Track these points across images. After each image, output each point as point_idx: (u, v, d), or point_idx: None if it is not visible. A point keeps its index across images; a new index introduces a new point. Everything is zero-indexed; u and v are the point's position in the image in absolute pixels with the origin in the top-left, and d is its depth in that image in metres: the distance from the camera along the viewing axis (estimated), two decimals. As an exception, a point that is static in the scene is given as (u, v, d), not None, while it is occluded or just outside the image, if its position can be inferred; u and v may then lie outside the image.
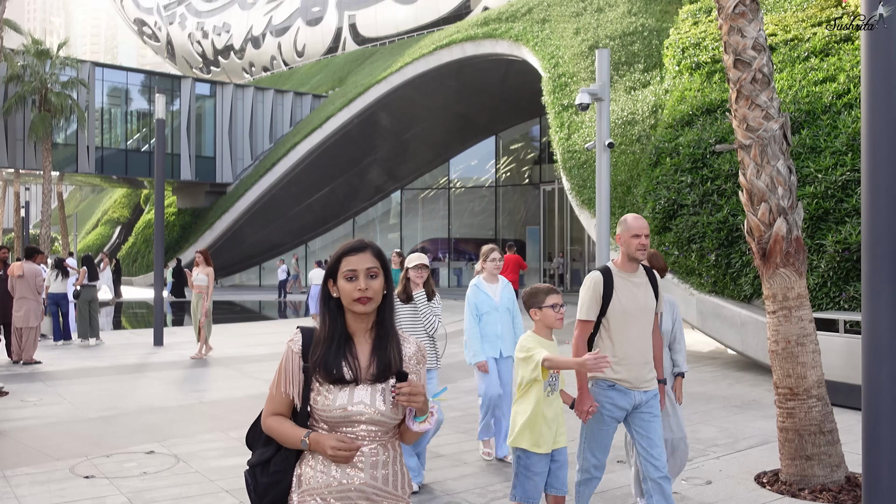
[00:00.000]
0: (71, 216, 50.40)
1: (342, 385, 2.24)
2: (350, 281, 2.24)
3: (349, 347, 2.29)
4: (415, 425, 2.25)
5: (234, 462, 6.02)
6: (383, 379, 2.26)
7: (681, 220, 11.33)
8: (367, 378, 2.25)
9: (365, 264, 2.25)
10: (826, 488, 5.15)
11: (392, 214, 36.67)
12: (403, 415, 2.28)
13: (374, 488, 2.25)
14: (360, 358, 2.28)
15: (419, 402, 2.19)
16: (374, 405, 2.24)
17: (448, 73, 27.30)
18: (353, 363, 2.26)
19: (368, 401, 2.23)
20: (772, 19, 14.20)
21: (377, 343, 2.30)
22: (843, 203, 9.38)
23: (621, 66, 17.70)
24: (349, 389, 2.24)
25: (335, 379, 2.23)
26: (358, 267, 2.25)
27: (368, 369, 2.26)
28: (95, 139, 32.82)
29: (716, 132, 11.70)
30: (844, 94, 10.78)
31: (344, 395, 2.23)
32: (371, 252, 2.28)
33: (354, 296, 2.23)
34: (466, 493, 5.25)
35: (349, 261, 2.26)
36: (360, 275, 2.24)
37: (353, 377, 2.25)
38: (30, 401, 8.60)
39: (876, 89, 4.02)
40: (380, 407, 2.24)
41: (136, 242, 38.53)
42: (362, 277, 2.24)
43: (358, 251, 2.27)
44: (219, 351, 12.96)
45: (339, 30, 43.62)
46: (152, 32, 56.27)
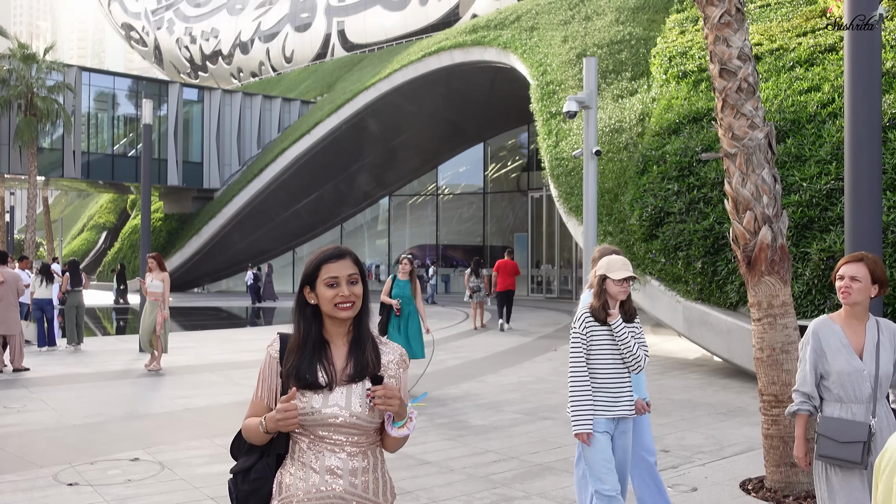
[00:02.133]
0: (56, 221, 50.06)
1: (317, 389, 2.25)
2: (331, 287, 2.26)
3: (324, 352, 2.30)
4: (393, 430, 2.24)
5: (219, 469, 5.99)
6: (359, 380, 2.27)
7: (667, 227, 11.38)
8: (343, 380, 2.26)
9: (346, 271, 2.28)
10: (810, 495, 5.19)
11: (380, 221, 36.66)
12: (382, 419, 2.28)
13: (353, 495, 2.25)
14: (337, 361, 2.30)
15: (394, 406, 2.19)
16: (350, 408, 2.24)
17: (437, 79, 27.36)
18: (328, 368, 2.27)
19: (343, 403, 2.24)
20: (757, 29, 14.32)
21: (354, 346, 2.31)
22: (827, 211, 9.45)
23: (609, 74, 17.80)
24: (324, 393, 2.25)
25: (308, 384, 2.24)
26: (339, 274, 2.27)
27: (344, 371, 2.27)
28: (82, 144, 32.67)
29: (702, 140, 11.77)
30: (829, 103, 10.88)
31: (318, 399, 2.24)
32: (350, 259, 2.31)
33: (337, 301, 2.25)
34: (453, 501, 5.25)
35: (329, 268, 2.28)
36: (341, 281, 2.26)
37: (328, 381, 2.25)
38: (13, 407, 8.53)
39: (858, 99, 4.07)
40: (355, 409, 2.24)
41: (122, 248, 38.32)
42: (344, 284, 2.26)
43: (338, 258, 2.30)
44: (205, 357, 12.91)
45: (328, 36, 43.64)
46: (140, 37, 56.09)
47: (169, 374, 11.03)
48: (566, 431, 7.02)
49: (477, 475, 5.88)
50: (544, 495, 5.36)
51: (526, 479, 5.76)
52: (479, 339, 15.36)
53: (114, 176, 34.11)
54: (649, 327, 16.57)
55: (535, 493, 5.41)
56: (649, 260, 11.86)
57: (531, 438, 7.09)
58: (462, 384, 10.09)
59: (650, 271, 11.86)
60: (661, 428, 7.34)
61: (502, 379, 10.53)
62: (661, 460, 6.22)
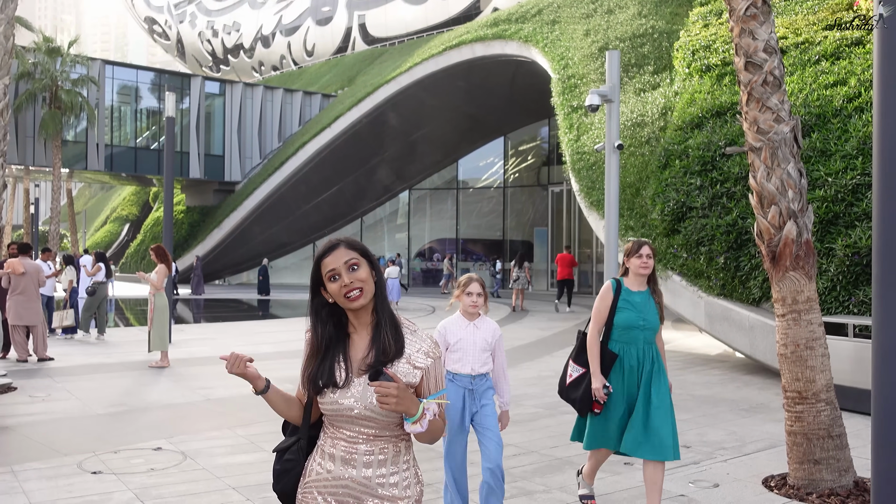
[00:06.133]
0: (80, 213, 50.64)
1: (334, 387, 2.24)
2: (334, 281, 2.23)
3: (343, 348, 2.28)
4: (406, 426, 2.17)
5: (240, 459, 6.03)
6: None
7: (689, 222, 11.29)
8: (361, 370, 2.22)
9: (341, 259, 2.23)
10: (834, 493, 5.13)
11: (400, 214, 36.68)
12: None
13: (361, 486, 2.23)
14: (358, 352, 2.26)
15: (391, 404, 2.10)
16: (364, 400, 2.20)
17: (457, 73, 27.30)
18: (344, 363, 2.25)
19: (359, 395, 2.20)
20: (782, 22, 14.15)
21: (374, 333, 2.26)
22: (853, 207, 9.33)
23: (631, 67, 17.67)
24: (344, 385, 2.24)
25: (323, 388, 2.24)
26: (336, 265, 2.23)
27: (365, 360, 2.24)
28: (105, 137, 32.96)
29: (725, 135, 11.66)
30: (855, 97, 10.73)
31: (337, 391, 2.23)
32: (344, 246, 2.26)
33: (344, 292, 2.21)
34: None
35: (326, 263, 2.25)
36: (341, 271, 2.22)
37: (344, 378, 2.23)
38: (38, 396, 8.64)
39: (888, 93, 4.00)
40: (369, 402, 2.19)
41: (144, 240, 38.66)
42: (344, 273, 2.22)
43: (331, 250, 2.26)
44: (225, 349, 13.00)
45: (349, 29, 43.67)
46: (162, 31, 56.45)
47: (189, 366, 11.11)
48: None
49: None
50: (564, 489, 5.35)
51: (546, 472, 5.75)
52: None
53: (136, 168, 34.39)
54: (671, 322, 16.48)
55: (555, 487, 5.40)
56: (671, 255, 11.78)
57: (551, 433, 7.08)
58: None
59: (672, 266, 11.79)
60: (683, 424, 7.30)
61: (522, 373, 10.52)
62: (683, 456, 6.19)
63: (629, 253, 4.68)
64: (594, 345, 4.63)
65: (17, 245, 11.64)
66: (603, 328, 4.68)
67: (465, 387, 4.52)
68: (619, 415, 4.56)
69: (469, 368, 4.51)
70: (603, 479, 5.57)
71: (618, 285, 4.70)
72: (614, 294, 4.65)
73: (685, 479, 5.58)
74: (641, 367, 4.55)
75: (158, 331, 10.83)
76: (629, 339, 4.59)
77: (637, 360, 4.56)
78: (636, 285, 4.69)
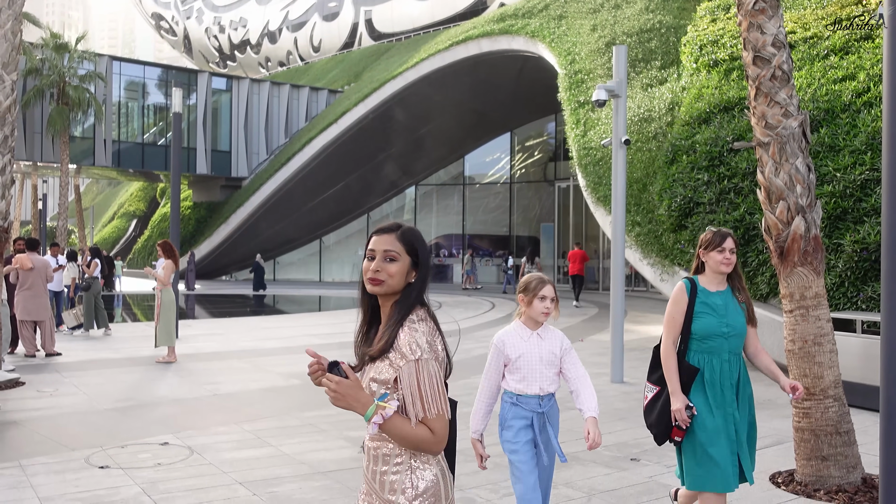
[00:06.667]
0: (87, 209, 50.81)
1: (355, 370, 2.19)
2: (370, 260, 2.19)
3: (370, 331, 2.27)
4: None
5: (247, 455, 6.04)
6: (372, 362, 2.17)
7: (697, 218, 11.26)
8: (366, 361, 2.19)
9: (384, 246, 2.17)
10: (842, 489, 5.11)
11: (406, 210, 36.70)
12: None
13: (372, 481, 2.19)
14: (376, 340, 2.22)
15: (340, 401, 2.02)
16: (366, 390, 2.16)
17: (464, 69, 27.27)
18: (361, 348, 2.24)
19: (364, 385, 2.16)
20: (791, 17, 14.08)
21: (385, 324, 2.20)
22: (861, 202, 9.29)
23: (638, 62, 17.62)
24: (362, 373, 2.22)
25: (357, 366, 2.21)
26: (376, 248, 2.18)
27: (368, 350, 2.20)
28: (112, 132, 33.06)
29: (733, 130, 11.62)
30: (864, 92, 10.67)
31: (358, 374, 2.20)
32: (396, 235, 2.19)
33: (367, 275, 2.17)
34: (479, 489, 5.25)
35: (373, 240, 2.21)
36: (377, 255, 2.17)
37: (359, 363, 2.21)
38: (46, 391, 8.67)
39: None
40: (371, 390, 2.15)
41: (151, 236, 38.79)
42: (379, 258, 2.17)
43: (383, 232, 2.21)
44: (232, 344, 13.03)
45: (356, 25, 43.67)
46: (169, 27, 56.56)
47: (197, 361, 11.14)
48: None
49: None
50: (571, 485, 5.34)
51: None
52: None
53: (144, 164, 34.50)
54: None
55: (562, 482, 5.39)
56: (678, 250, 11.75)
57: (557, 428, 7.06)
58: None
59: (679, 262, 11.75)
60: (689, 420, 7.28)
61: (528, 369, 10.49)
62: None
63: (708, 245, 3.94)
64: (670, 358, 3.86)
65: (25, 241, 11.67)
66: (678, 338, 3.91)
67: (533, 410, 3.78)
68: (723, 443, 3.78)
69: (537, 388, 3.77)
70: (609, 474, 5.56)
71: (692, 286, 3.92)
72: (689, 297, 3.89)
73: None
74: (728, 382, 3.84)
75: (165, 326, 10.83)
76: (711, 350, 3.84)
77: (722, 374, 3.83)
78: (714, 284, 3.93)
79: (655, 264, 12.47)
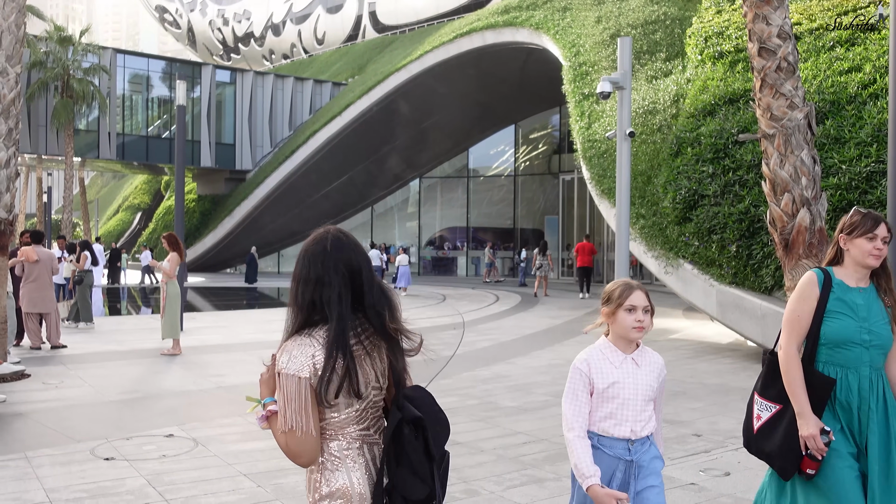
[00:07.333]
0: (92, 202, 50.93)
1: None
2: None
3: None
4: None
5: (252, 446, 6.06)
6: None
7: (701, 210, 11.23)
8: None
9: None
10: (846, 482, 5.09)
11: (410, 203, 36.67)
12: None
13: None
14: None
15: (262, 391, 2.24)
16: None
17: (468, 61, 27.20)
18: None
19: None
20: (797, 8, 14.00)
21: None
22: (867, 195, 9.25)
23: (643, 54, 17.55)
24: None
25: None
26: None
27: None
28: (117, 125, 33.08)
29: (738, 122, 11.58)
30: (870, 84, 10.62)
31: None
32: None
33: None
34: (483, 481, 5.26)
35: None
36: None
37: None
38: (51, 383, 8.71)
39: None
40: None
41: (156, 228, 38.84)
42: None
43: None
44: (237, 337, 13.06)
45: (359, 17, 43.59)
46: (173, 19, 56.52)
47: (202, 353, 11.16)
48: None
49: (507, 456, 5.89)
50: (575, 477, 5.35)
51: (556, 460, 5.75)
52: (509, 322, 15.35)
53: (148, 157, 34.53)
54: (681, 311, 16.42)
55: (565, 474, 5.40)
56: (682, 243, 11.73)
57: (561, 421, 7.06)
58: (492, 366, 10.09)
59: (683, 254, 11.73)
60: (694, 412, 7.29)
61: (532, 361, 10.51)
62: (694, 444, 6.18)
63: (853, 229, 3.05)
64: (794, 368, 2.97)
65: (31, 233, 11.70)
66: (803, 343, 3.04)
67: (619, 457, 2.91)
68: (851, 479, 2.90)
69: (628, 430, 2.91)
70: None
71: (826, 278, 3.04)
72: (821, 291, 3.02)
73: (696, 467, 5.57)
74: (865, 406, 2.94)
75: (170, 319, 10.84)
76: (845, 363, 2.97)
77: (861, 395, 2.95)
78: (856, 279, 3.05)
79: (659, 257, 12.46)
